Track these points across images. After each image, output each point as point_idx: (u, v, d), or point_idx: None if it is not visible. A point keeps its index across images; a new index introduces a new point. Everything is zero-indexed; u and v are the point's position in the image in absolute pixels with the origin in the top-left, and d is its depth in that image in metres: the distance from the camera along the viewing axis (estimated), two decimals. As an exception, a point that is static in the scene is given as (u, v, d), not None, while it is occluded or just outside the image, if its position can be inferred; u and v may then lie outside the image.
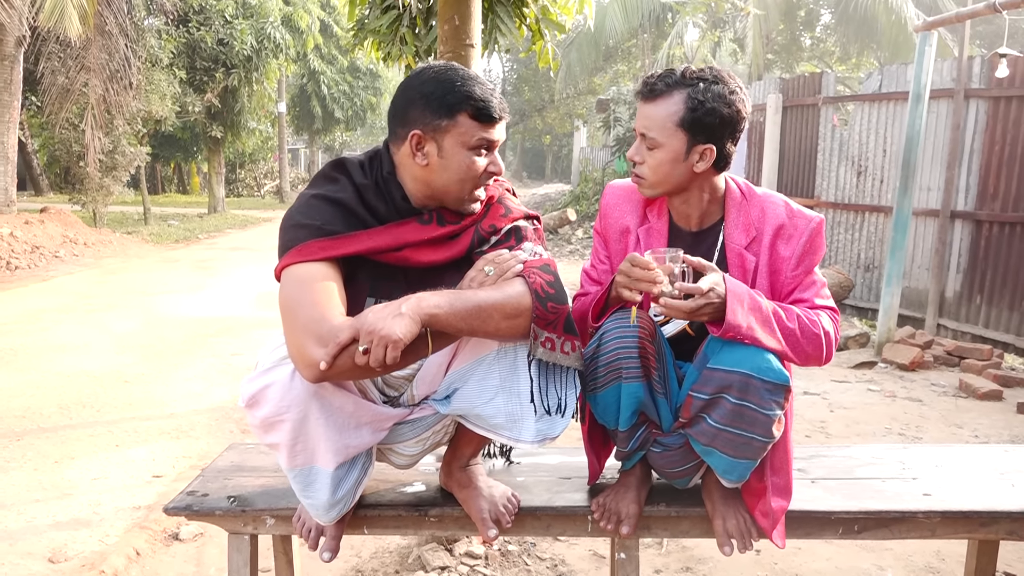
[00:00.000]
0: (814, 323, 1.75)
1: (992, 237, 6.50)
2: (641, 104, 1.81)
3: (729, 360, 1.68)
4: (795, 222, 1.83)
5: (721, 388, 1.69)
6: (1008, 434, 4.54)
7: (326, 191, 1.71)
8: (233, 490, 2.03)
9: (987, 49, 17.46)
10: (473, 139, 1.66)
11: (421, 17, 4.17)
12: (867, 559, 2.98)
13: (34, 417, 4.52)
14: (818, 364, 1.80)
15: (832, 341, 1.77)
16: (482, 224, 1.77)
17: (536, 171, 47.00)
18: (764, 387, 1.66)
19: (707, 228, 1.90)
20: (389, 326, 1.45)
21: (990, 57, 6.34)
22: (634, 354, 1.72)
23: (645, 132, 1.79)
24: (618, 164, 16.42)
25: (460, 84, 1.65)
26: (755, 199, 1.88)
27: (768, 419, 1.67)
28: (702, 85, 1.74)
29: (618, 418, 1.79)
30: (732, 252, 1.85)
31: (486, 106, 1.66)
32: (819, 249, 1.84)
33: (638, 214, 1.96)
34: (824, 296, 1.84)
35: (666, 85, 1.76)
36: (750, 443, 1.70)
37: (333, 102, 25.95)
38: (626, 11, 16.10)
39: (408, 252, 1.70)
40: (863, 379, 5.72)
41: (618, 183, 2.03)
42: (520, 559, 2.94)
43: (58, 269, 10.52)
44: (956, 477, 2.16)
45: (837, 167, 8.11)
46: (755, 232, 1.84)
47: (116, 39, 13.01)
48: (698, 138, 1.75)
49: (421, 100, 1.66)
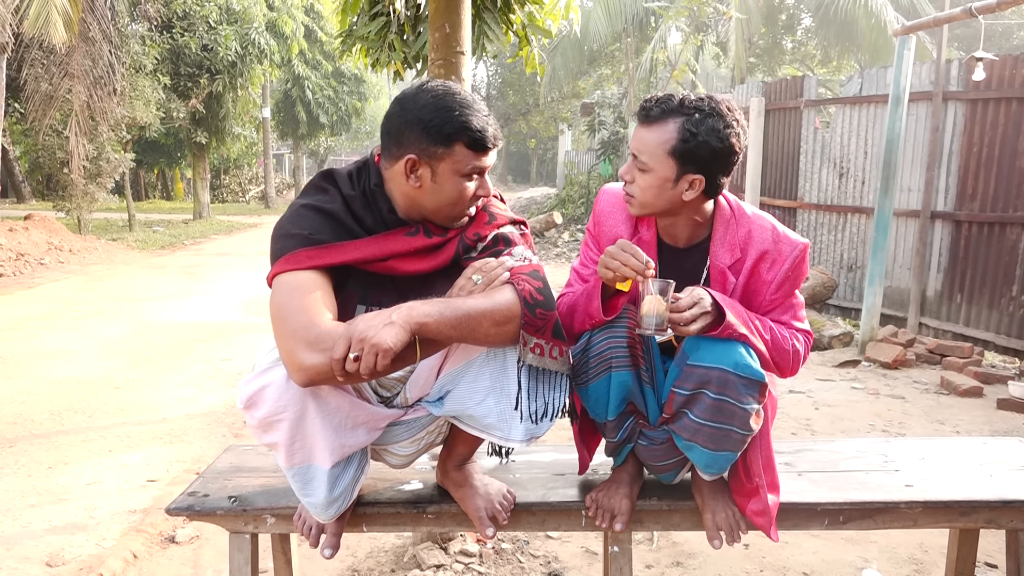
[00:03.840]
0: (785, 339, 1.85)
1: (971, 237, 6.62)
2: (638, 126, 1.83)
3: (708, 357, 1.75)
4: (780, 247, 1.86)
5: (701, 384, 1.75)
6: (989, 429, 4.64)
7: (315, 201, 1.74)
8: (233, 490, 2.07)
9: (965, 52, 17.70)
10: (467, 167, 1.70)
11: (409, 24, 4.21)
12: (852, 551, 3.05)
13: (26, 423, 4.52)
14: (781, 375, 1.91)
15: (800, 359, 1.88)
16: (467, 233, 1.80)
17: (521, 175, 47.04)
18: (741, 382, 1.72)
19: (694, 245, 1.94)
20: (380, 335, 1.48)
21: (967, 60, 6.46)
22: (623, 344, 1.78)
23: (637, 154, 1.81)
24: (603, 167, 16.51)
25: (458, 113, 1.67)
26: (743, 220, 1.90)
27: (746, 412, 1.74)
28: (697, 116, 1.74)
29: (607, 408, 1.85)
30: (715, 269, 1.90)
31: (482, 136, 1.69)
32: (802, 275, 1.89)
33: (631, 225, 1.98)
34: (801, 319, 1.92)
35: (662, 112, 1.77)
36: (729, 435, 1.77)
37: (318, 107, 25.90)
38: (610, 15, 16.18)
39: (394, 262, 1.74)
40: (847, 377, 5.81)
41: (614, 188, 2.04)
42: (514, 556, 2.98)
43: (44, 276, 10.46)
44: (937, 469, 2.23)
45: (819, 169, 8.22)
46: (739, 254, 1.87)
47: (100, 45, 12.97)
48: (688, 167, 1.76)
49: (418, 125, 1.67)
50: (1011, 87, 6.21)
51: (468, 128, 1.67)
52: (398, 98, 1.74)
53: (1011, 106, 6.23)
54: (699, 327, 1.71)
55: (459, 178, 1.71)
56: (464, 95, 1.72)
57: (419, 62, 4.30)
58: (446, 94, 1.70)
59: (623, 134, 15.82)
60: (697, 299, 1.71)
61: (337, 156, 42.34)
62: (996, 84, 6.33)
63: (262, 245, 1.73)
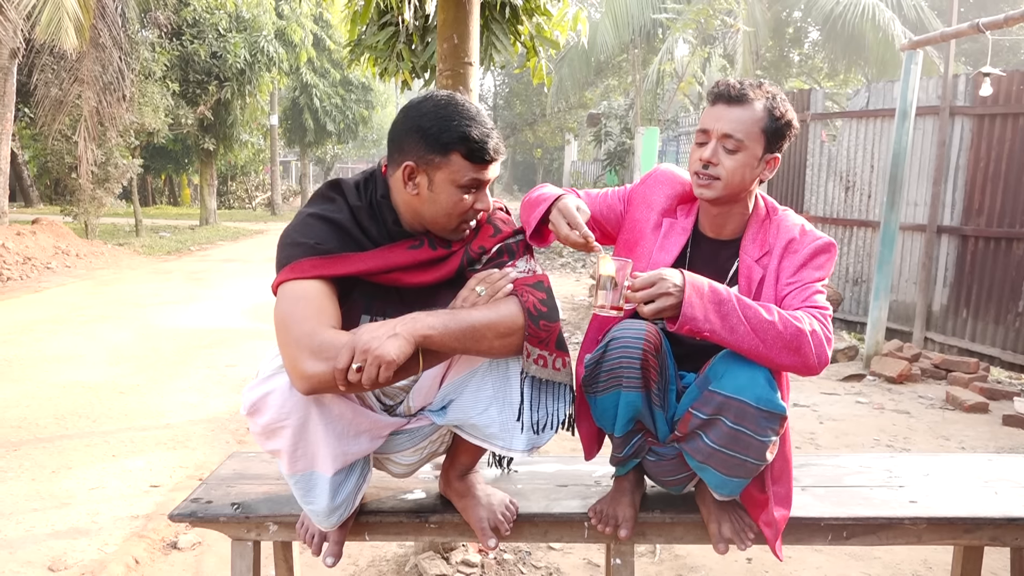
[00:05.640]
0: (797, 319, 1.69)
1: (978, 252, 6.60)
2: (722, 107, 1.82)
3: (730, 386, 1.71)
4: (804, 239, 1.86)
5: (719, 411, 1.72)
6: (994, 446, 4.62)
7: (322, 210, 1.74)
8: (236, 497, 2.07)
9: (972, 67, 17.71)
10: (464, 179, 1.68)
11: (418, 34, 4.23)
12: (856, 568, 3.03)
13: (30, 427, 4.53)
14: (806, 369, 1.70)
15: (821, 340, 1.69)
16: (471, 246, 1.80)
17: (527, 184, 47.10)
18: (761, 415, 1.69)
19: (728, 240, 1.94)
20: (384, 346, 1.49)
21: (974, 76, 6.47)
22: (636, 364, 1.74)
23: (731, 134, 1.79)
24: (609, 178, 16.51)
25: (457, 123, 1.66)
26: (775, 218, 1.92)
27: (762, 444, 1.72)
28: (779, 99, 1.82)
29: (615, 424, 1.84)
30: (744, 264, 1.89)
31: (480, 148, 1.67)
32: (820, 266, 1.83)
33: (671, 205, 1.99)
34: (815, 302, 1.78)
35: (752, 92, 1.81)
36: (743, 464, 1.75)
37: (325, 115, 26.00)
38: (617, 27, 16.22)
39: (398, 274, 1.74)
40: (852, 391, 5.79)
41: (672, 168, 2.05)
42: (516, 568, 2.98)
43: (50, 280, 10.50)
44: (942, 485, 2.22)
45: (825, 182, 8.22)
46: (768, 247, 1.88)
47: (110, 52, 13.06)
48: (771, 146, 1.83)
49: (417, 132, 1.67)
50: (1018, 103, 6.22)
51: (466, 138, 1.66)
52: (404, 106, 1.76)
53: (1018, 121, 6.23)
54: (656, 309, 1.65)
55: (455, 189, 1.69)
56: (467, 106, 1.71)
57: (427, 72, 4.31)
58: (448, 104, 1.70)
59: (629, 145, 15.82)
60: (653, 281, 1.66)
61: (344, 164, 42.49)
62: (1003, 99, 6.33)
63: (268, 252, 1.71)
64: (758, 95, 1.81)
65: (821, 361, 1.69)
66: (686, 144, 13.35)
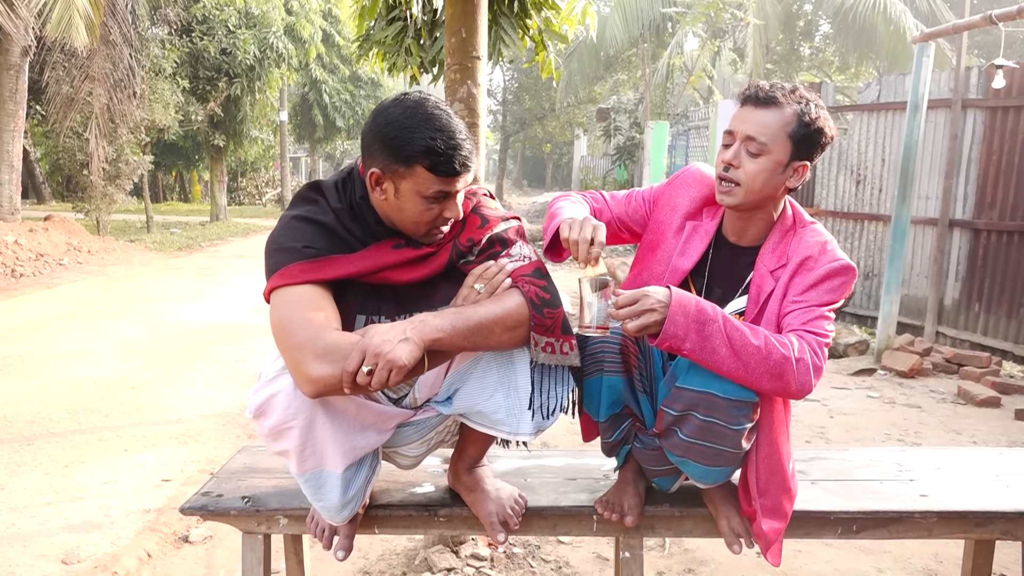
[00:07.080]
0: (785, 345, 1.65)
1: (990, 245, 6.56)
2: (749, 109, 1.79)
3: (696, 381, 1.70)
4: (821, 259, 1.79)
5: (689, 406, 1.72)
6: (1006, 440, 4.59)
7: (305, 212, 1.72)
8: (247, 491, 2.08)
9: (985, 59, 17.56)
10: (429, 190, 1.63)
11: (426, 28, 4.24)
12: (866, 561, 3.02)
13: (43, 422, 4.57)
14: (785, 395, 1.70)
15: (807, 368, 1.64)
16: (460, 239, 1.78)
17: (536, 179, 47.13)
18: (730, 405, 1.68)
19: (748, 247, 1.90)
20: (395, 351, 1.48)
21: (987, 68, 6.42)
22: (615, 349, 1.78)
23: (755, 136, 1.76)
24: (618, 172, 16.50)
25: (421, 134, 1.59)
26: (801, 230, 1.87)
27: (737, 433, 1.71)
28: (812, 105, 1.76)
29: (599, 408, 1.85)
30: (758, 274, 1.85)
31: (445, 161, 1.61)
32: (832, 290, 1.76)
33: (696, 207, 1.96)
34: (815, 327, 1.72)
35: (782, 95, 1.76)
36: (721, 454, 1.75)
37: (335, 111, 26.03)
38: (626, 21, 16.18)
39: (388, 273, 1.72)
40: (862, 386, 5.77)
41: (702, 168, 2.01)
42: (525, 561, 2.98)
43: (63, 276, 10.57)
44: (952, 479, 2.21)
45: (836, 176, 8.18)
46: (785, 259, 1.83)
47: (120, 49, 13.12)
48: (800, 153, 1.77)
49: (382, 142, 1.63)
50: (1031, 95, 6.16)
51: (430, 151, 1.59)
52: (375, 109, 1.71)
53: (1031, 114, 6.18)
54: (640, 325, 1.63)
55: (421, 199, 1.64)
56: (437, 114, 1.63)
57: (435, 66, 4.32)
58: (416, 112, 1.62)
59: (639, 139, 15.79)
60: (637, 298, 1.64)
61: (352, 159, 42.52)
62: (1016, 92, 6.27)
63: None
64: (789, 99, 1.75)
65: (803, 390, 1.66)
66: (696, 139, 13.29)
